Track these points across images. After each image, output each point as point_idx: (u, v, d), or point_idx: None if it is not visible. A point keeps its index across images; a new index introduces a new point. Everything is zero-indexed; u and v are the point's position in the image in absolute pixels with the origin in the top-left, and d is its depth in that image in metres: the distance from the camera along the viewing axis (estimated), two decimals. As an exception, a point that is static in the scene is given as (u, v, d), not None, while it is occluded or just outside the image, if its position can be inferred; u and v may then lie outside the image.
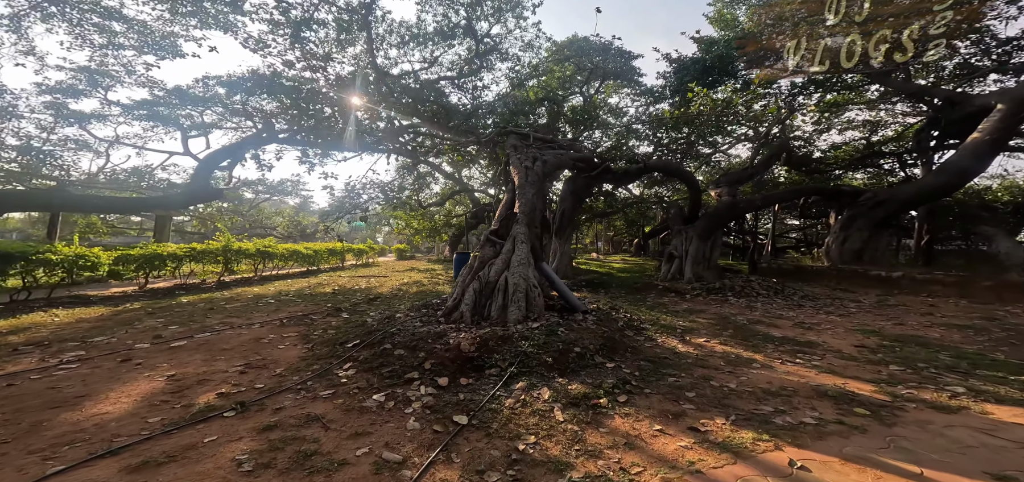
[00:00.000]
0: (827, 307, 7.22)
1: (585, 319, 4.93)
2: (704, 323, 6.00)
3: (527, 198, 6.63)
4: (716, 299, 8.04)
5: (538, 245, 6.66)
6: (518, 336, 4.01)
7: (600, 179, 11.76)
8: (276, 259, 11.01)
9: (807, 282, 10.85)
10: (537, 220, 6.95)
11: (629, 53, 18.42)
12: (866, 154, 15.07)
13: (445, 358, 3.48)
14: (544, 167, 8.01)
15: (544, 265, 5.97)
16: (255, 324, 5.24)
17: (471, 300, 4.90)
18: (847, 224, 11.18)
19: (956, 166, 9.52)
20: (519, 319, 4.67)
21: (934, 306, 7.16)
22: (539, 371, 3.42)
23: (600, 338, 4.29)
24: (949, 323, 5.76)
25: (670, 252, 10.89)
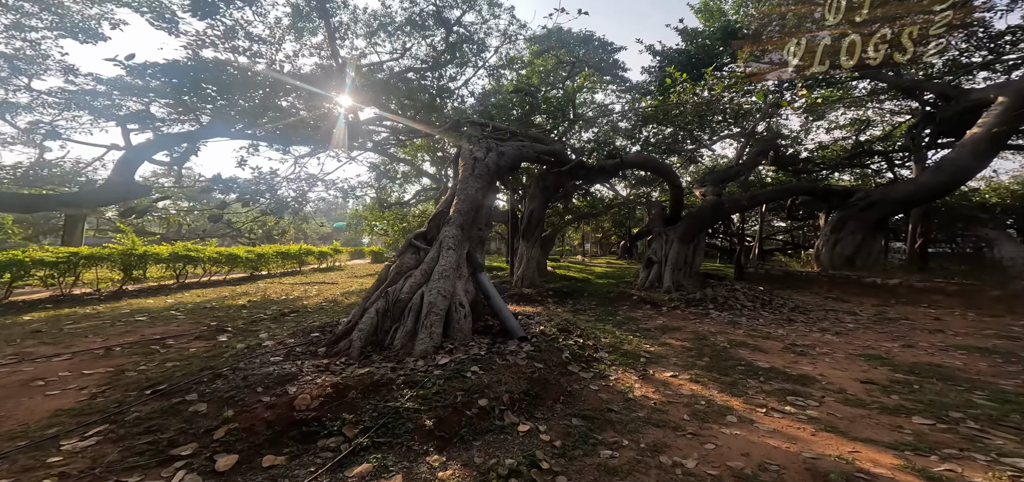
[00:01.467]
0: (821, 322, 6.21)
1: (519, 349, 3.79)
2: (676, 347, 4.91)
3: (467, 194, 5.48)
4: (696, 312, 6.98)
5: (479, 252, 5.51)
6: (404, 380, 2.86)
7: (573, 176, 10.70)
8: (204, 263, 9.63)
9: (796, 289, 9.93)
10: (482, 221, 5.81)
11: (611, 45, 17.54)
12: (854, 154, 14.36)
13: (261, 420, 2.30)
14: (500, 160, 6.89)
15: (483, 278, 4.82)
16: (65, 355, 3.95)
17: (370, 324, 3.73)
18: (838, 226, 10.29)
19: (955, 164, 8.69)
20: (430, 350, 3.52)
21: (940, 320, 6.21)
22: (406, 442, 2.27)
23: (526, 380, 3.15)
24: (966, 344, 4.76)
25: (649, 257, 9.85)
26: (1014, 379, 3.60)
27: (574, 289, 9.92)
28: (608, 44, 18.08)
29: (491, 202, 6.30)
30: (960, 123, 9.24)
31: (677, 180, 10.29)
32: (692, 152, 18.27)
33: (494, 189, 6.52)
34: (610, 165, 10.67)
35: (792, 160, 15.99)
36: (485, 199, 5.92)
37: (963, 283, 6.99)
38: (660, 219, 11.03)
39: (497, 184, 13.06)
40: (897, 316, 6.52)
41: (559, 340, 4.30)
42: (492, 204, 6.54)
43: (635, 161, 10.68)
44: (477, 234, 5.50)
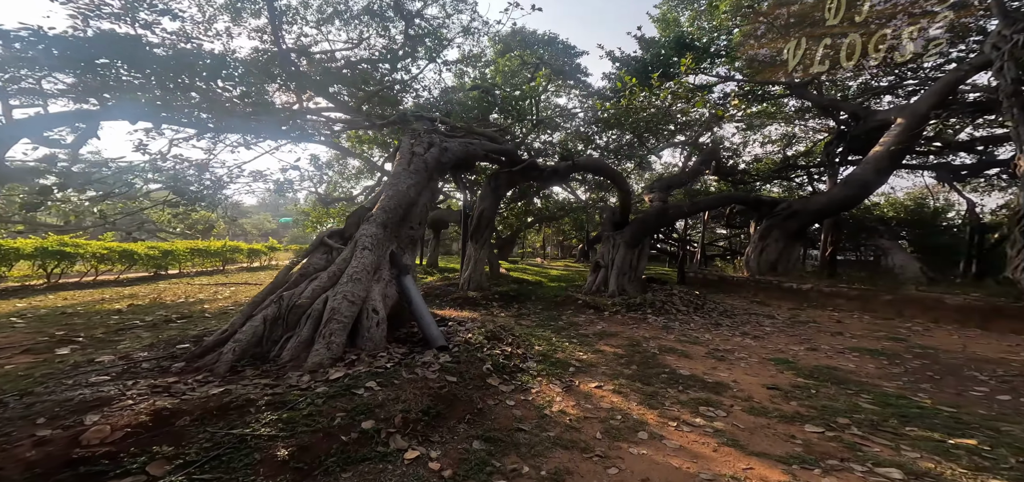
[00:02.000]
0: (743, 325, 6.59)
1: (434, 360, 3.49)
2: (609, 354, 4.90)
3: (397, 190, 5.06)
4: (635, 317, 7.12)
5: (410, 253, 5.12)
6: (270, 401, 2.44)
7: (525, 176, 10.57)
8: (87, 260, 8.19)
9: (728, 293, 10.60)
10: (415, 219, 5.41)
11: (574, 49, 17.73)
12: (782, 167, 15.73)
13: (20, 462, 1.78)
14: (442, 156, 6.52)
15: (407, 281, 4.45)
16: None
17: (252, 334, 3.22)
18: (765, 234, 11.16)
19: (859, 179, 9.74)
20: (325, 362, 3.11)
21: (841, 323, 6.85)
22: (245, 477, 1.88)
23: (431, 397, 2.87)
24: (860, 346, 5.23)
25: (597, 261, 9.98)
26: (896, 380, 3.95)
27: (523, 292, 9.80)
28: (571, 48, 18.26)
29: (428, 199, 5.92)
30: (867, 141, 10.37)
31: (626, 185, 10.53)
32: (642, 157, 19.06)
33: (433, 187, 6.14)
34: (563, 167, 10.69)
35: (732, 171, 17.22)
36: (420, 196, 5.54)
37: (861, 288, 7.79)
38: (610, 223, 11.26)
39: (440, 182, 12.62)
40: (807, 319, 7.10)
41: (484, 349, 4.07)
42: (430, 202, 6.15)
43: (586, 164, 10.80)
44: (408, 233, 5.11)
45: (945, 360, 4.57)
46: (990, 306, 6.15)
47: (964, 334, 5.99)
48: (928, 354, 4.80)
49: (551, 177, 10.92)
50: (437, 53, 12.89)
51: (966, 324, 6.37)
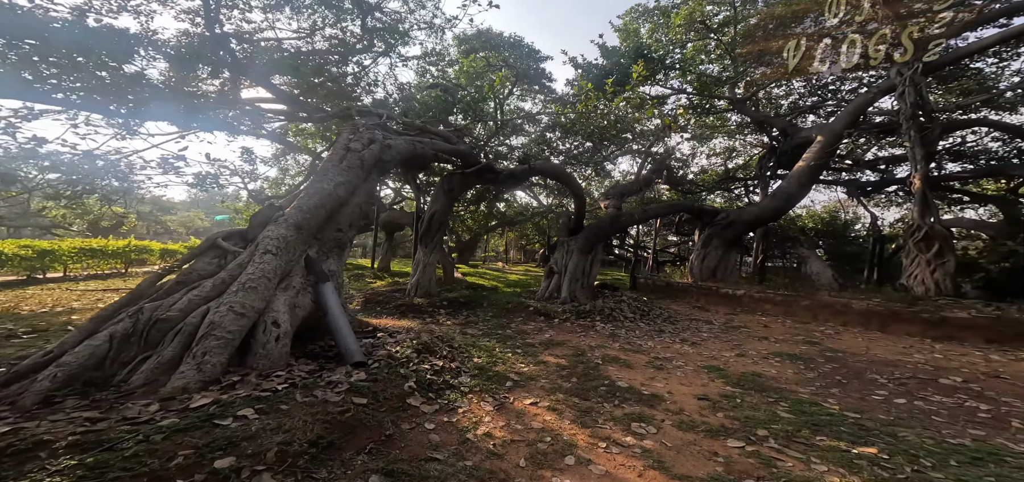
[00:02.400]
0: (684, 332, 6.81)
1: (346, 378, 3.07)
2: (552, 365, 4.74)
3: (322, 189, 4.52)
4: (584, 324, 7.10)
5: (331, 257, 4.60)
6: (77, 440, 1.91)
7: (480, 178, 10.27)
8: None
9: (673, 299, 11.09)
10: (344, 221, 4.89)
11: (539, 53, 17.73)
12: (723, 178, 16.90)
13: None
14: (384, 153, 6.01)
15: (325, 290, 3.95)
16: None
17: (90, 355, 2.60)
18: (706, 242, 11.84)
19: (785, 191, 10.65)
20: (192, 386, 2.57)
21: (768, 328, 7.34)
22: None
23: (325, 424, 2.47)
24: (782, 351, 5.57)
25: (550, 267, 9.92)
26: (809, 386, 4.18)
27: (475, 299, 9.48)
28: (536, 52, 18.27)
29: (364, 200, 5.40)
30: (793, 157, 11.39)
31: (580, 191, 10.61)
32: (600, 164, 19.60)
33: (369, 187, 5.63)
34: (520, 171, 10.54)
35: (681, 181, 18.25)
36: (352, 196, 5.02)
37: (785, 294, 8.46)
38: (565, 229, 11.31)
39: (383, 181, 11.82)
40: (740, 324, 7.54)
41: (411, 364, 3.71)
42: (367, 202, 5.64)
43: (543, 168, 10.74)
44: (334, 236, 4.58)
45: (851, 363, 4.97)
46: (888, 310, 6.91)
47: (867, 336, 6.66)
48: (838, 357, 5.21)
49: (508, 180, 10.72)
50: (394, 49, 12.22)
51: (869, 327, 7.10)
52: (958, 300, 7.58)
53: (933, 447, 2.77)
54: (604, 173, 21.40)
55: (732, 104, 13.62)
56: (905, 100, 8.69)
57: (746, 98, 13.42)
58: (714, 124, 17.99)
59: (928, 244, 8.46)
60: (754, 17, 11.60)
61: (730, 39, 11.80)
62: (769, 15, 10.43)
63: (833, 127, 9.96)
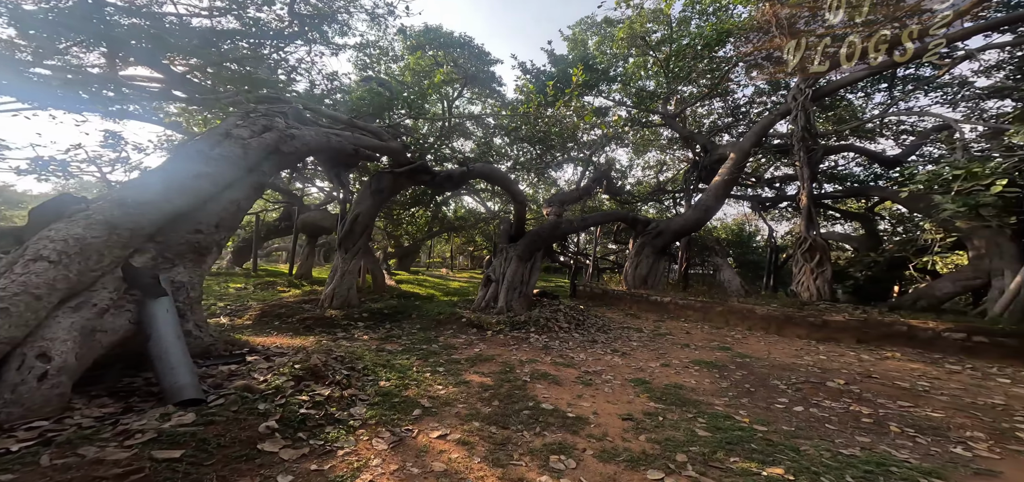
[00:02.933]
0: (615, 342, 6.84)
1: (161, 423, 2.24)
2: (474, 386, 4.26)
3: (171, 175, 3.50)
4: (518, 336, 6.76)
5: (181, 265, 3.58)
6: None
7: (413, 179, 9.46)
8: None
9: (609, 306, 11.40)
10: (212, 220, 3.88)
11: (488, 55, 17.31)
12: (655, 190, 18.16)
13: None
14: (284, 143, 5.01)
15: (154, 307, 2.98)
16: None
17: None
18: (639, 250, 12.44)
19: (704, 203, 11.61)
20: None
21: (690, 334, 7.75)
22: None
23: None
24: (701, 359, 5.80)
25: (487, 275, 9.49)
26: (723, 397, 4.29)
27: (404, 309, 8.65)
28: (486, 54, 17.81)
29: (243, 196, 4.40)
30: (712, 171, 12.51)
31: (520, 196, 10.37)
32: (544, 169, 19.87)
33: (255, 180, 4.62)
34: (457, 173, 9.96)
35: (620, 191, 19.21)
36: (224, 191, 4.02)
37: (703, 301, 9.10)
38: (506, 235, 10.99)
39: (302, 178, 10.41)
40: (666, 332, 7.86)
41: (281, 395, 2.94)
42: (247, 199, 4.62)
43: (482, 172, 10.30)
44: (188, 238, 3.58)
45: (758, 369, 5.29)
46: (784, 315, 7.74)
47: (768, 339, 7.34)
48: (746, 363, 5.55)
49: (445, 183, 10.07)
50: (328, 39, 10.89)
51: (768, 330, 7.88)
52: (834, 304, 8.80)
53: (830, 461, 2.85)
54: (549, 180, 21.78)
55: (664, 119, 14.67)
56: (797, 123, 9.97)
57: (676, 115, 14.55)
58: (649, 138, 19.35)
59: (812, 254, 9.76)
60: (685, 37, 12.59)
61: (665, 57, 12.63)
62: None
63: (742, 145, 11.13)
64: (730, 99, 14.93)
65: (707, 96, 14.41)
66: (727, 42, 12.22)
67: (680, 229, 12.09)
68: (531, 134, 12.48)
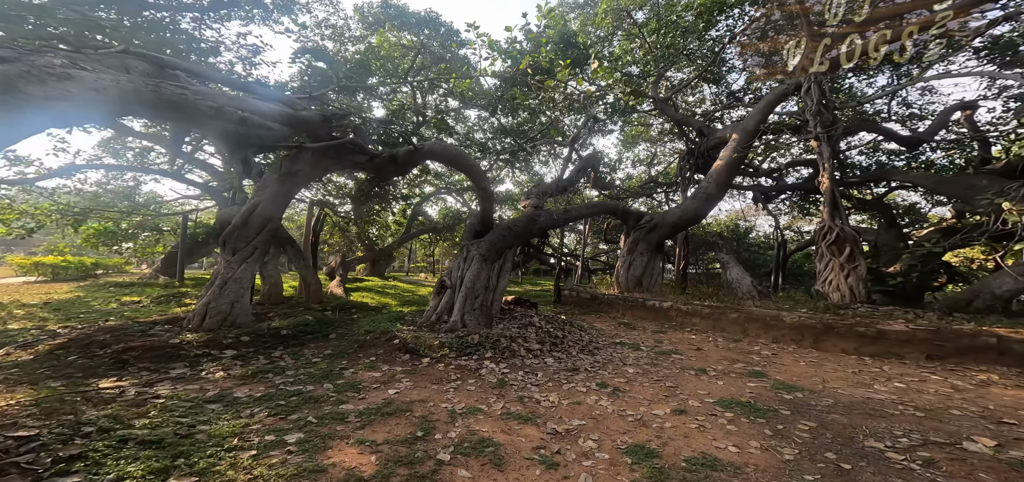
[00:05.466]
0: (604, 367, 4.89)
1: None
2: (337, 476, 2.24)
3: None
4: (465, 366, 4.75)
5: None
6: None
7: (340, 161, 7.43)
8: None
9: (599, 314, 9.53)
10: None
11: (458, 33, 15.44)
12: (647, 183, 16.53)
13: None
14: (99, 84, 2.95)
15: None
16: None
17: None
18: (632, 248, 10.65)
19: (704, 192, 9.89)
20: None
21: (701, 350, 5.89)
22: None
23: None
24: (730, 396, 3.91)
25: (442, 279, 7.45)
26: (783, 469, 2.36)
27: (323, 328, 6.51)
28: (455, 32, 15.98)
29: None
30: (709, 159, 10.82)
31: (485, 182, 8.41)
32: (525, 158, 18.08)
33: None
34: (401, 153, 7.97)
35: (609, 185, 17.54)
36: None
37: (712, 306, 7.37)
38: (470, 231, 9.01)
39: None
40: (669, 347, 5.97)
41: None
42: None
43: (435, 150, 8.30)
44: None
45: (826, 415, 3.42)
46: (821, 324, 5.95)
47: (805, 356, 5.51)
48: (802, 403, 3.66)
49: (388, 166, 8.04)
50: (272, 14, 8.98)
51: (802, 343, 6.07)
52: (875, 308, 7.05)
53: None
54: (536, 177, 19.96)
55: (655, 104, 13.08)
56: (811, 96, 8.35)
57: (667, 98, 12.95)
58: (638, 129, 17.81)
59: (840, 247, 8.06)
60: (673, 13, 11.05)
61: (652, 30, 11.06)
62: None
63: (746, 124, 9.49)
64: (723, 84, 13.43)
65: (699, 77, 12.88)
66: (721, 17, 10.75)
67: (678, 222, 10.32)
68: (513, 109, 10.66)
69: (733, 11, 10.66)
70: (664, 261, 14.28)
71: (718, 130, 11.55)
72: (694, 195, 10.48)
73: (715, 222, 21.68)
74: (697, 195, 10.26)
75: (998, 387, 4.08)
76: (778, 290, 10.52)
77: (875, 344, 5.47)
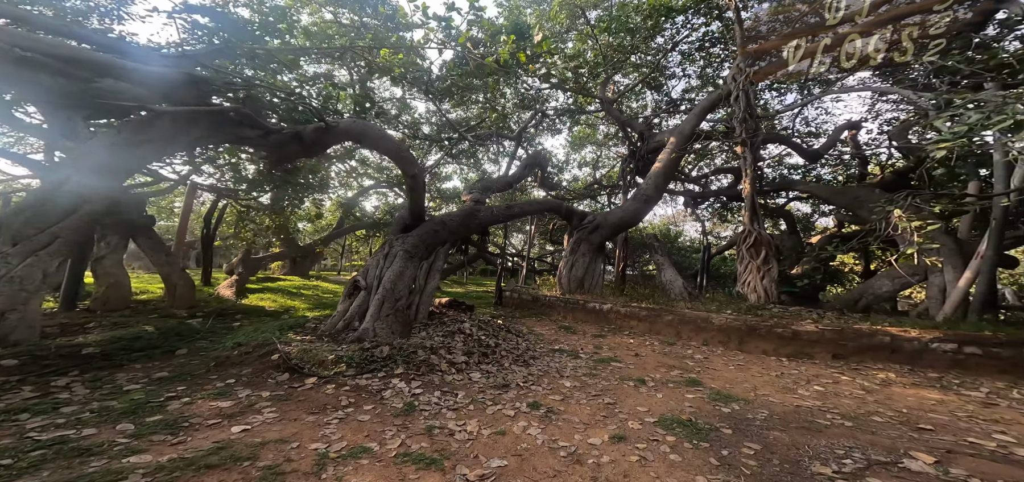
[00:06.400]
0: (538, 383, 4.29)
1: None
2: None
3: None
4: (365, 386, 3.79)
5: None
6: None
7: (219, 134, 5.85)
8: None
9: (540, 317, 9.07)
10: None
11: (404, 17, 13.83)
12: (591, 185, 16.74)
13: None
14: None
15: None
16: None
17: None
18: (574, 248, 10.43)
19: (643, 193, 10.03)
20: None
21: (639, 356, 5.65)
22: None
23: None
24: (670, 414, 3.58)
25: (356, 280, 6.29)
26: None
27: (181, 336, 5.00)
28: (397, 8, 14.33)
29: None
30: (649, 162, 11.05)
31: (415, 168, 7.34)
32: (475, 153, 17.22)
33: None
34: (308, 131, 6.59)
35: (556, 186, 17.44)
36: None
37: (649, 308, 7.32)
38: (399, 225, 7.90)
39: None
40: (610, 354, 5.64)
41: None
42: None
43: (352, 130, 7.04)
44: None
45: (765, 431, 3.21)
46: (745, 326, 6.11)
47: (734, 360, 5.56)
48: (740, 418, 3.43)
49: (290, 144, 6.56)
50: None
51: (729, 345, 6.19)
52: (786, 308, 7.58)
53: None
54: (479, 169, 19.11)
55: (602, 105, 13.16)
56: (739, 105, 8.80)
57: (613, 101, 13.11)
58: (585, 131, 18.03)
59: (757, 250, 8.61)
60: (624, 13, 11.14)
61: (604, 26, 11.01)
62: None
63: (682, 129, 9.82)
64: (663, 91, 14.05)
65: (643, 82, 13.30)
66: (667, 24, 11.11)
67: (619, 222, 10.34)
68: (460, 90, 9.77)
69: (676, 19, 11.08)
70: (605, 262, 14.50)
71: (657, 134, 11.92)
72: (634, 197, 10.60)
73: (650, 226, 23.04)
74: (637, 197, 10.38)
75: (898, 387, 4.35)
76: (703, 291, 11.15)
77: (790, 345, 5.72)
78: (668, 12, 10.69)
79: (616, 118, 13.08)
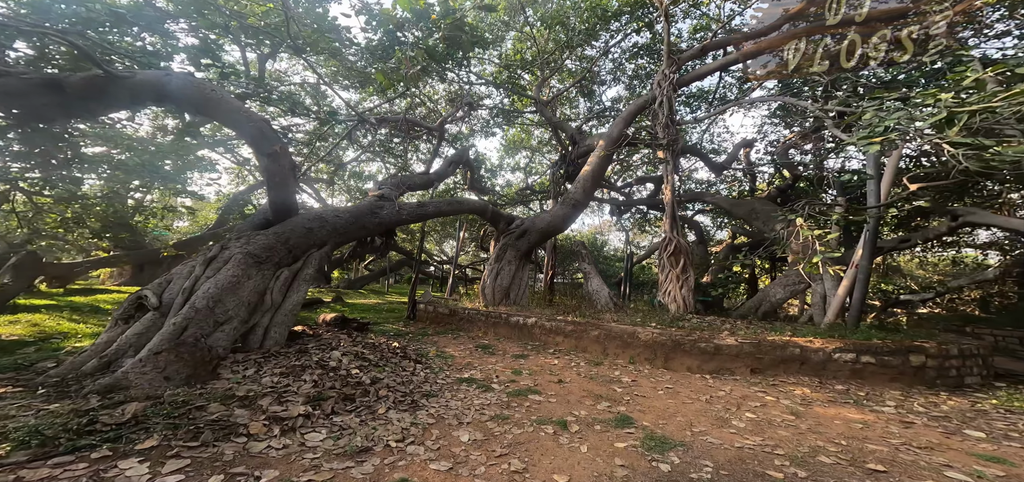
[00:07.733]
0: (424, 434, 3.02)
1: None
2: None
3: None
4: (55, 479, 2.07)
5: None
6: None
7: None
8: None
9: (457, 332, 7.79)
10: None
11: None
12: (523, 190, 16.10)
13: None
14: None
15: None
16: None
17: None
18: (500, 255, 9.44)
19: (572, 198, 9.55)
20: None
21: (563, 382, 4.77)
22: None
23: None
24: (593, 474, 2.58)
25: (141, 296, 4.25)
26: None
27: None
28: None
29: None
30: (578, 167, 10.69)
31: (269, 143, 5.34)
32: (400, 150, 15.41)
33: None
34: (76, 80, 4.33)
35: (488, 190, 16.36)
36: None
37: (575, 322, 6.64)
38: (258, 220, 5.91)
39: None
40: (530, 382, 4.64)
41: None
42: None
43: (160, 85, 4.91)
44: None
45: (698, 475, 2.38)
46: (670, 341, 5.72)
47: (661, 381, 5.04)
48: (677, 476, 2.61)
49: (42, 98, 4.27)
50: None
51: (655, 362, 5.73)
52: (703, 318, 7.56)
53: None
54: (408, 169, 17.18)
55: (537, 106, 12.57)
56: (662, 109, 8.82)
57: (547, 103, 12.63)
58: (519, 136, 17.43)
59: (676, 259, 8.63)
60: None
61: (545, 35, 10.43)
62: None
63: (610, 133, 9.62)
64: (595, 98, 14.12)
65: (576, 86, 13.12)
66: (603, 30, 11.03)
67: (547, 228, 9.66)
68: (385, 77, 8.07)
69: (611, 25, 11.01)
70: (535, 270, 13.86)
71: (588, 140, 11.70)
72: (563, 201, 10.07)
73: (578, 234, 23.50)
74: (565, 201, 9.86)
75: (819, 406, 4.14)
76: (627, 299, 11.10)
77: (713, 360, 5.44)
78: (604, 16, 10.56)
79: (549, 119, 12.64)
